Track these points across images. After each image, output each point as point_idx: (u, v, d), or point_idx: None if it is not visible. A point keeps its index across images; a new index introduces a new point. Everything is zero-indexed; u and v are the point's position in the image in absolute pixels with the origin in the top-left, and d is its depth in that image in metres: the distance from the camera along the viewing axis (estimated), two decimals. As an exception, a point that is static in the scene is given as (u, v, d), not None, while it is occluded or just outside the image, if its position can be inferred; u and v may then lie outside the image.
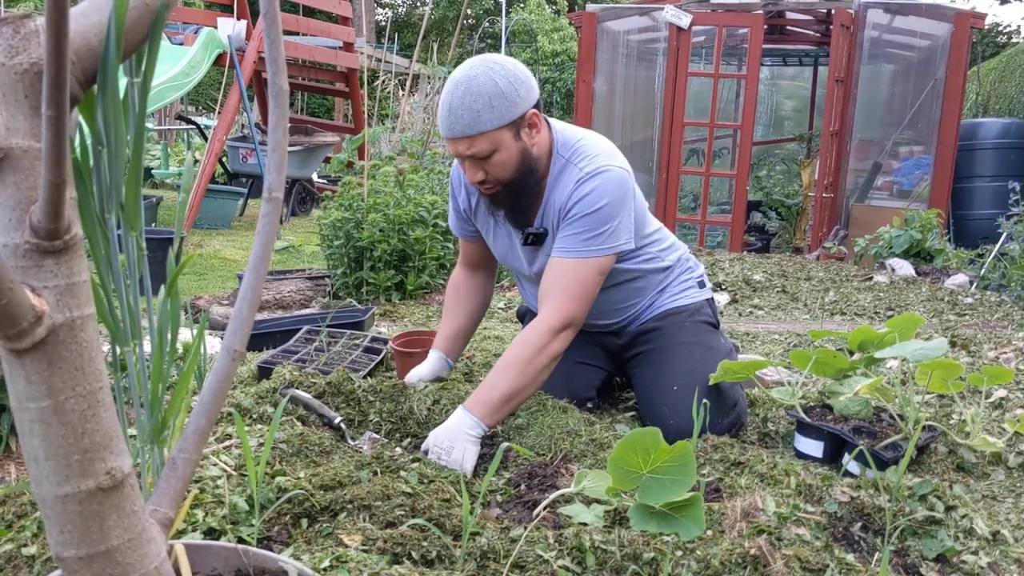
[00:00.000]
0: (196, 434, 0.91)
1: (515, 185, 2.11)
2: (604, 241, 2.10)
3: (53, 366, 0.75)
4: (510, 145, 2.04)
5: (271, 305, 3.76)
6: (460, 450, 1.89)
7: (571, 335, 2.09)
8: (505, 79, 2.01)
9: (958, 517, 1.63)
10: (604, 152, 2.16)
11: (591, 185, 2.09)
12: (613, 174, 2.10)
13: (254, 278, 0.97)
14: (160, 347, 0.91)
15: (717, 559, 1.40)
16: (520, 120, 2.04)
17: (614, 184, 2.10)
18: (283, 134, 1.01)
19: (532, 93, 2.07)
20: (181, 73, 6.55)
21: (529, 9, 15.89)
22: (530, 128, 2.08)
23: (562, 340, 2.06)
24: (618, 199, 2.10)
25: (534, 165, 2.11)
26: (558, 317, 2.05)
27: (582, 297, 2.09)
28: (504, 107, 2.00)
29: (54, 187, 0.70)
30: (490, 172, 2.08)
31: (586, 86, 7.09)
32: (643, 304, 2.37)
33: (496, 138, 2.02)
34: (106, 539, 0.79)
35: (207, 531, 1.41)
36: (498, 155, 2.04)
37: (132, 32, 0.78)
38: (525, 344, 2.02)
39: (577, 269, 2.09)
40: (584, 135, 2.21)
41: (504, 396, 1.96)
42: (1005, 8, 29.18)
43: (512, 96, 2.01)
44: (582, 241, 2.09)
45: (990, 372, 2.12)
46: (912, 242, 5.49)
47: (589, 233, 2.09)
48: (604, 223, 2.09)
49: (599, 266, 2.11)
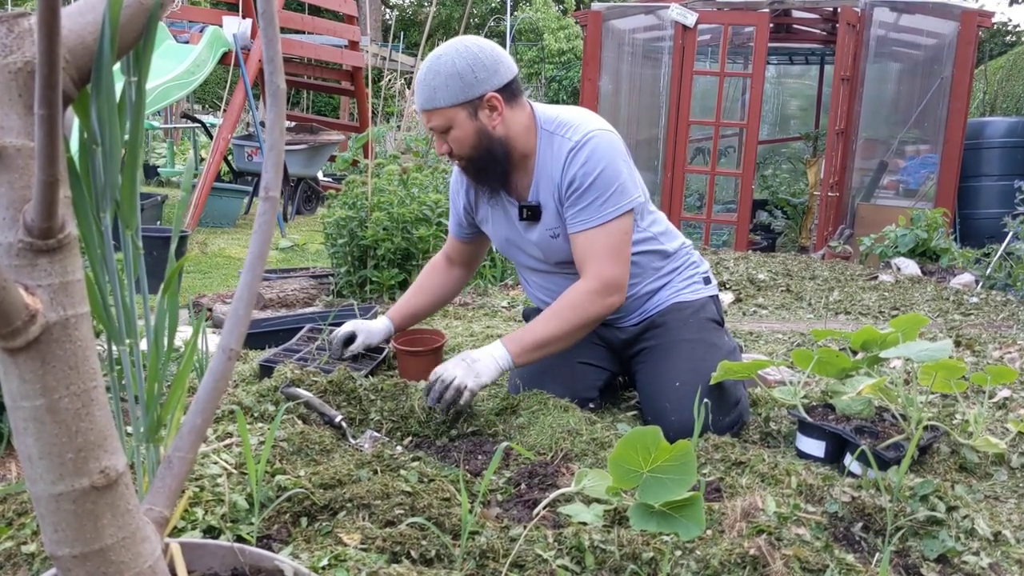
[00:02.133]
0: (192, 433, 0.91)
1: (477, 162, 2.23)
2: (617, 200, 2.18)
3: (47, 365, 0.75)
4: (465, 124, 2.16)
5: (274, 303, 3.77)
6: (484, 364, 2.08)
7: (617, 300, 2.19)
8: (465, 61, 2.13)
9: (959, 518, 1.62)
10: (587, 119, 2.26)
11: (584, 154, 2.17)
12: (601, 136, 2.19)
13: (251, 278, 0.97)
14: (156, 345, 0.91)
15: (716, 559, 1.39)
16: (478, 101, 2.15)
17: (605, 146, 2.18)
18: (280, 134, 1.01)
19: (495, 77, 2.16)
20: (186, 71, 6.56)
21: (535, 7, 15.88)
22: (490, 110, 2.17)
23: (607, 304, 2.17)
24: (614, 158, 2.19)
25: (496, 144, 2.20)
26: (598, 280, 2.16)
27: (616, 259, 2.19)
28: (458, 87, 2.12)
29: (47, 186, 0.70)
30: (452, 147, 2.20)
31: (591, 84, 7.09)
32: (642, 289, 2.35)
33: (450, 115, 2.15)
34: (100, 538, 0.79)
35: (207, 529, 1.41)
36: (454, 131, 2.17)
37: (127, 31, 0.78)
38: (565, 300, 2.16)
39: (603, 235, 2.18)
40: (564, 109, 2.33)
41: (537, 342, 2.14)
42: (1014, 8, 29.05)
43: (468, 78, 2.12)
44: (597, 208, 2.18)
45: (993, 372, 2.11)
46: (918, 241, 5.47)
47: (601, 199, 2.17)
48: (610, 184, 2.17)
49: (622, 226, 2.20)
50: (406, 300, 2.59)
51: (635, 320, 2.37)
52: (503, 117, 2.19)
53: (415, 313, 2.59)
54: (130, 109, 0.85)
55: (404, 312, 2.57)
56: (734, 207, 7.31)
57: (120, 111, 0.85)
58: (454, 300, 3.44)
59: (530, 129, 2.25)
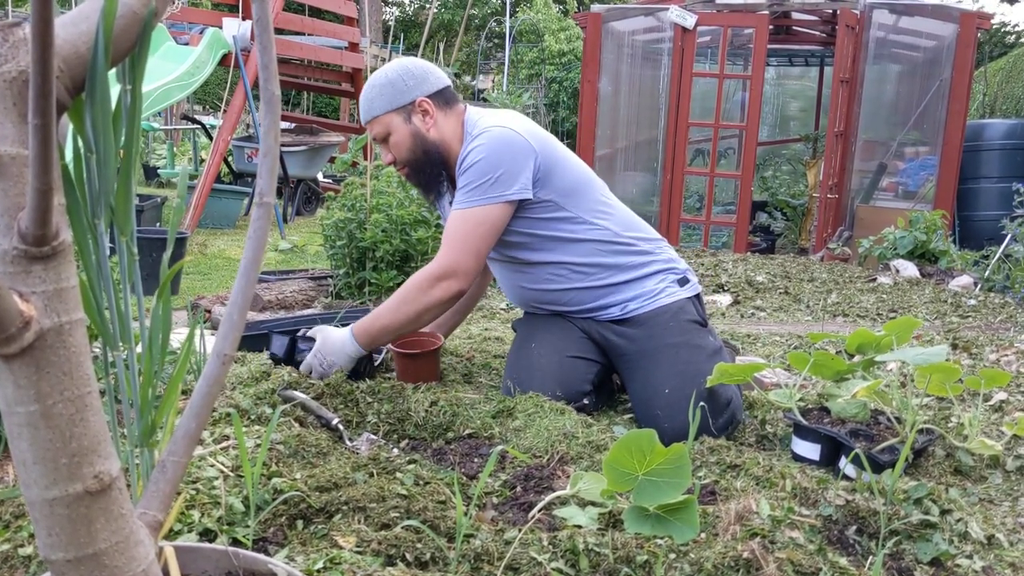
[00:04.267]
0: (186, 437, 0.92)
1: (416, 165, 2.39)
2: (484, 191, 2.26)
3: (41, 371, 0.76)
4: (400, 128, 2.35)
5: (273, 305, 3.78)
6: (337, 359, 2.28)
7: (453, 285, 2.27)
8: (396, 72, 2.35)
9: (953, 521, 1.63)
10: (499, 117, 2.38)
11: (474, 145, 2.30)
12: (495, 132, 2.29)
13: (245, 283, 0.98)
14: (151, 350, 0.92)
15: (710, 562, 1.40)
16: (410, 106, 2.34)
17: (494, 139, 2.28)
18: (274, 140, 1.01)
19: (424, 84, 2.35)
20: (186, 73, 6.57)
21: (536, 9, 15.89)
22: (423, 114, 2.35)
23: (441, 289, 2.26)
24: (499, 151, 2.27)
25: (431, 146, 2.36)
26: (439, 265, 2.27)
27: (463, 247, 2.27)
28: (391, 94, 2.33)
29: (41, 194, 0.71)
30: (394, 154, 2.38)
31: (591, 86, 7.09)
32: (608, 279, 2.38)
33: (386, 121, 2.35)
34: (94, 542, 0.80)
35: (203, 532, 1.42)
36: (392, 137, 2.36)
37: (120, 40, 0.79)
38: (409, 285, 2.28)
39: (459, 220, 2.29)
40: (491, 112, 2.44)
41: (382, 328, 2.29)
42: (1013, 8, 29.05)
43: (399, 85, 2.33)
44: (465, 194, 2.29)
45: (988, 375, 2.12)
46: (917, 243, 5.48)
47: (470, 186, 2.28)
48: (482, 175, 2.26)
49: (481, 216, 2.27)
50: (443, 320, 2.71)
51: (612, 315, 2.38)
52: (435, 121, 2.36)
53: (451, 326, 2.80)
54: (125, 116, 0.85)
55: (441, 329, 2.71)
56: (733, 209, 7.32)
57: (115, 118, 0.86)
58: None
59: (460, 132, 2.39)
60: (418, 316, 2.29)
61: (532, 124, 2.40)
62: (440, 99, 2.37)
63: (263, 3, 0.92)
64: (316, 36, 9.37)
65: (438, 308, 2.29)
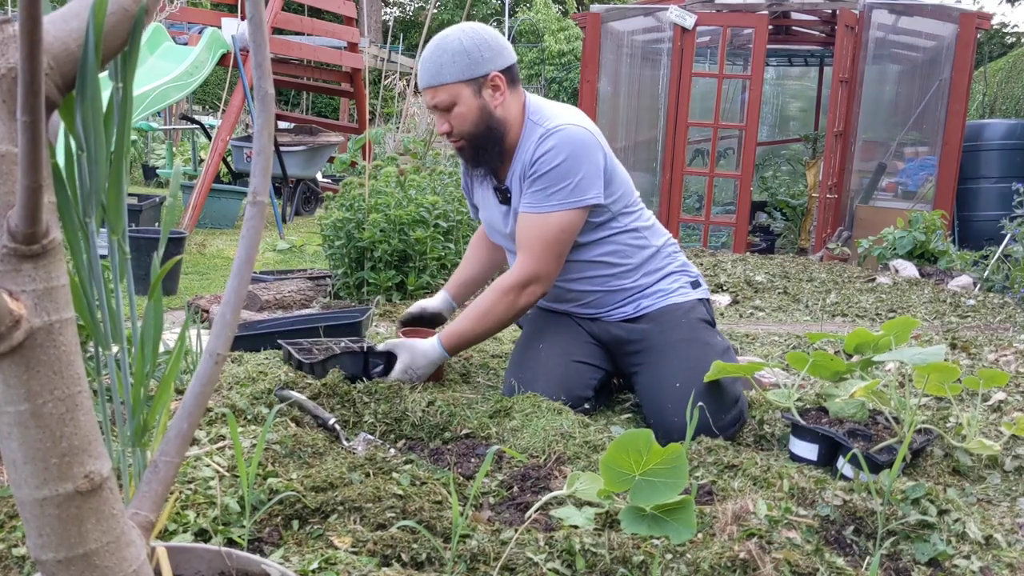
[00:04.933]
0: (178, 437, 0.92)
1: (476, 140, 2.29)
2: (566, 196, 2.22)
3: (31, 370, 0.75)
4: (469, 100, 2.24)
5: (271, 305, 3.77)
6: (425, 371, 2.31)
7: (537, 290, 2.27)
8: (471, 40, 2.22)
9: (951, 521, 1.63)
10: (569, 113, 2.31)
11: (551, 142, 2.22)
12: (572, 131, 2.24)
13: (238, 283, 0.97)
14: (142, 350, 0.92)
15: (706, 562, 1.40)
16: (482, 79, 2.23)
17: (574, 140, 2.23)
18: (268, 139, 1.01)
19: (499, 58, 2.25)
20: (185, 73, 6.57)
21: (536, 9, 15.89)
22: (493, 89, 2.25)
23: (526, 296, 2.26)
24: (578, 155, 2.22)
25: (495, 124, 2.28)
26: (521, 273, 2.25)
27: (544, 253, 2.24)
28: (465, 64, 2.20)
29: (31, 192, 0.70)
30: (453, 125, 2.26)
31: (590, 86, 7.09)
32: (629, 282, 2.38)
33: (455, 91, 2.22)
34: (84, 542, 0.79)
35: (198, 532, 1.41)
36: (457, 108, 2.24)
37: (111, 37, 0.79)
38: (494, 293, 2.27)
39: (539, 224, 2.24)
40: (554, 104, 2.38)
41: (470, 335, 2.31)
42: (1014, 9, 29.04)
43: (475, 55, 2.21)
44: (544, 197, 2.23)
45: (986, 375, 2.11)
46: (916, 243, 5.47)
47: (550, 189, 2.22)
48: (564, 178, 2.21)
49: (561, 221, 2.23)
50: (458, 272, 2.72)
51: (625, 315, 2.38)
52: (504, 98, 2.27)
53: (466, 281, 2.71)
54: (116, 114, 0.85)
55: (458, 282, 2.69)
56: (733, 209, 7.31)
57: (107, 117, 0.85)
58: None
59: (520, 116, 2.32)
60: (504, 323, 2.32)
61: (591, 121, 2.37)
62: (510, 76, 2.29)
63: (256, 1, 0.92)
64: (315, 36, 9.37)
65: (523, 314, 2.32)
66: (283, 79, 9.65)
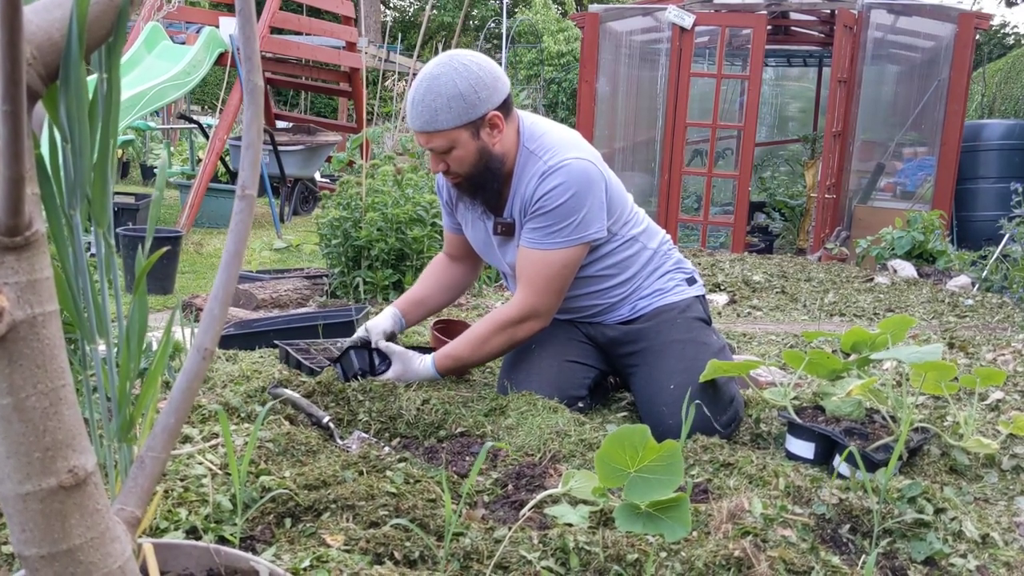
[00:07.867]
0: (165, 432, 0.91)
1: (475, 179, 2.21)
2: (569, 234, 2.18)
3: (14, 363, 0.74)
4: (467, 143, 2.14)
5: (267, 304, 3.76)
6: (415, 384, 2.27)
7: (536, 325, 2.25)
8: (466, 81, 2.09)
9: (947, 520, 1.62)
10: (568, 144, 2.23)
11: (554, 180, 2.15)
12: (576, 166, 2.17)
13: (226, 277, 0.96)
14: (128, 345, 0.91)
15: (701, 560, 1.39)
16: (479, 121, 2.13)
17: (578, 176, 2.16)
18: (257, 132, 1.00)
19: (495, 95, 2.14)
20: (182, 72, 6.56)
21: (535, 9, 15.87)
22: (491, 128, 2.16)
23: (524, 330, 2.25)
24: (583, 191, 2.17)
25: (494, 163, 2.19)
26: (521, 308, 2.22)
27: (546, 289, 2.21)
28: (461, 109, 2.09)
29: (13, 183, 0.69)
30: (450, 165, 2.18)
31: (589, 87, 7.08)
32: (627, 289, 2.36)
33: (452, 136, 2.12)
34: (68, 538, 0.78)
35: (190, 530, 1.40)
36: (456, 151, 2.15)
37: (96, 27, 0.78)
38: (491, 324, 2.25)
39: (542, 262, 2.20)
40: (550, 128, 2.29)
41: (465, 363, 2.32)
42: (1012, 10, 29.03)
43: (471, 98, 2.09)
44: (547, 234, 2.19)
45: (983, 374, 2.10)
46: (914, 243, 5.47)
47: (554, 227, 2.17)
48: (568, 216, 2.16)
49: (565, 258, 2.20)
50: (412, 290, 2.58)
51: (621, 317, 2.37)
52: (503, 135, 2.19)
53: (420, 300, 2.55)
54: (101, 106, 0.84)
55: (411, 300, 2.54)
56: (731, 209, 7.31)
57: (92, 108, 0.84)
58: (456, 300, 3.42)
59: (516, 143, 2.24)
60: (500, 354, 2.32)
61: (588, 144, 2.31)
62: (506, 109, 2.19)
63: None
64: (314, 36, 9.36)
65: (518, 344, 2.29)
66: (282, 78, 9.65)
